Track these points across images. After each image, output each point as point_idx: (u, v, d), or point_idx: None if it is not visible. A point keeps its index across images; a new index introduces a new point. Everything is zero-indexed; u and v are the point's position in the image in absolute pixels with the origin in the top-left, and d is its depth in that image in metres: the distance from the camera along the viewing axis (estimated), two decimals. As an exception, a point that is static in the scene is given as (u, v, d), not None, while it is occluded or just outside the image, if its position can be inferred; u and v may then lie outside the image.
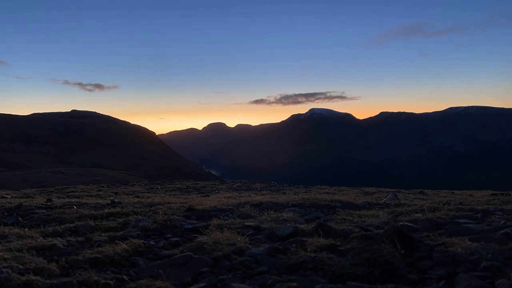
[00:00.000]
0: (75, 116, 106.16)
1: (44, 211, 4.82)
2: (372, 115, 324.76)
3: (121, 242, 2.65)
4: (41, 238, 2.93)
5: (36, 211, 4.87)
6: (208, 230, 3.14)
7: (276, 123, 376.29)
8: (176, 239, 2.97)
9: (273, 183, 18.66)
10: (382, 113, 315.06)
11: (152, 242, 2.86)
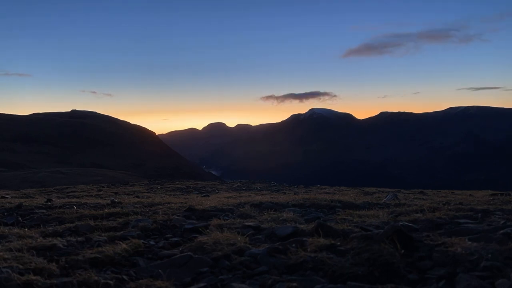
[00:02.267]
0: (75, 116, 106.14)
1: (44, 211, 4.82)
2: (372, 115, 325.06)
3: (121, 242, 2.65)
4: (41, 238, 2.93)
5: (36, 211, 4.87)
6: (208, 230, 3.13)
7: (276, 123, 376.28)
8: (176, 239, 2.97)
9: (273, 183, 18.65)
10: (382, 113, 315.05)
11: (152, 242, 2.85)
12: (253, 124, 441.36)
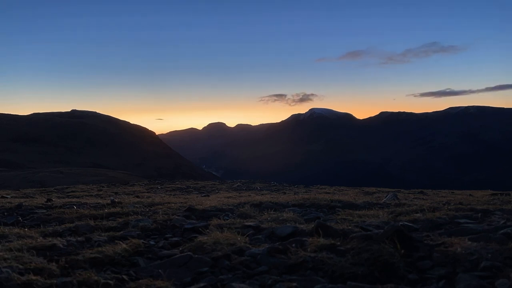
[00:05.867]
0: (75, 116, 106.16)
1: (44, 211, 4.82)
2: (372, 115, 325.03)
3: (121, 242, 2.65)
4: (41, 238, 2.93)
5: (36, 211, 4.87)
6: (208, 230, 3.14)
7: (276, 123, 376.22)
8: (176, 239, 2.97)
9: (273, 183, 18.64)
10: (382, 113, 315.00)
11: (152, 242, 2.85)
12: (253, 124, 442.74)
